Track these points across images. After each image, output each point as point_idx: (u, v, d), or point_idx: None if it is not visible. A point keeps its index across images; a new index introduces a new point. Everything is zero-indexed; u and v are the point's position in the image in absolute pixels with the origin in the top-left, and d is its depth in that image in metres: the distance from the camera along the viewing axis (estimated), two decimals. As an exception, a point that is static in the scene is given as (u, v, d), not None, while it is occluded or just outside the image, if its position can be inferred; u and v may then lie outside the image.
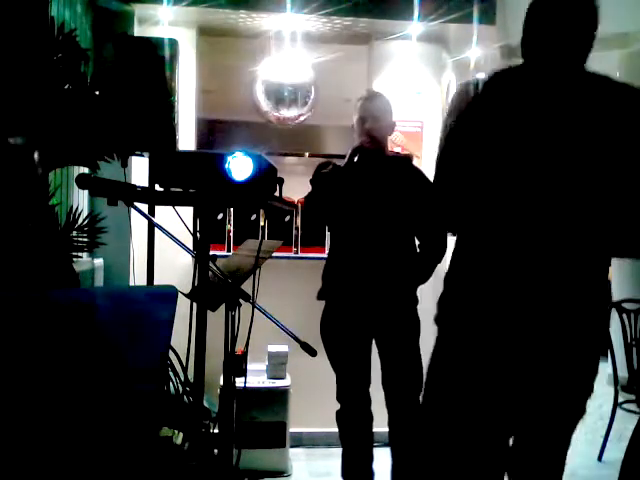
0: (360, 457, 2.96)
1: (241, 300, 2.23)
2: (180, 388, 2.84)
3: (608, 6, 5.33)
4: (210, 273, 2.15)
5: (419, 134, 4.08)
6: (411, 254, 2.96)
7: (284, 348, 3.60)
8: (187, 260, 3.48)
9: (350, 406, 2.94)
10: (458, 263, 1.82)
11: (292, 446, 3.61)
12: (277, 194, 2.24)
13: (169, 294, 1.66)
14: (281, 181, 2.21)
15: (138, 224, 3.06)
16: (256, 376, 3.57)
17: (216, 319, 2.25)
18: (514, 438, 1.87)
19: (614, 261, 6.01)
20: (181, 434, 2.78)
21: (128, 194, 2.02)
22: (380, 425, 2.99)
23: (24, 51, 2.19)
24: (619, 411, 3.91)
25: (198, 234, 2.12)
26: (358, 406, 2.94)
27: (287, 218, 3.96)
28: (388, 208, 2.89)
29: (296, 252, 3.97)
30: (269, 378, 3.62)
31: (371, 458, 2.98)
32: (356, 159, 2.90)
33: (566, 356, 1.72)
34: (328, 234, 3.94)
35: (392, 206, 2.89)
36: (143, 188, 2.15)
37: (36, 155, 2.27)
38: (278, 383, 3.59)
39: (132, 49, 3.08)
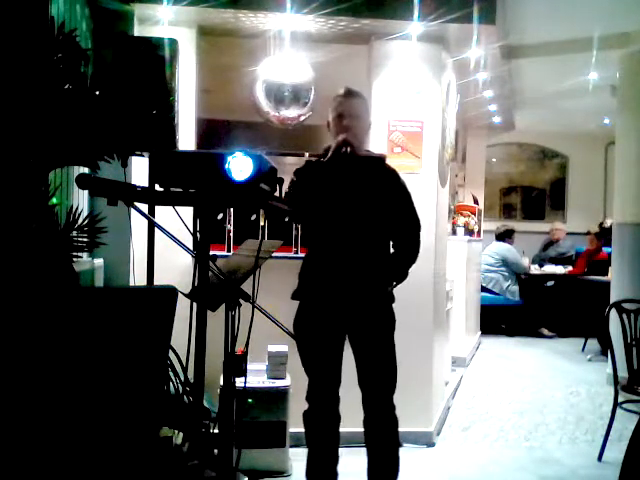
0: (326, 458, 2.93)
1: (241, 300, 2.23)
2: (180, 388, 2.84)
3: (608, 6, 5.35)
4: (210, 273, 2.15)
5: (419, 134, 4.08)
6: (384, 254, 2.93)
7: (284, 348, 3.60)
8: (187, 260, 3.48)
9: (318, 406, 2.91)
10: None
11: (292, 446, 3.61)
12: (277, 194, 2.24)
13: (169, 294, 1.66)
14: (281, 181, 2.21)
15: (138, 224, 3.06)
16: (256, 376, 3.57)
17: (216, 319, 2.25)
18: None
19: (613, 262, 6.06)
20: (181, 434, 2.78)
21: (128, 194, 2.02)
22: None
23: (24, 51, 2.19)
24: (619, 411, 3.90)
25: (198, 234, 2.12)
26: (327, 406, 2.91)
27: (287, 218, 3.95)
28: (361, 208, 2.86)
29: (296, 252, 3.97)
30: (269, 378, 3.62)
31: (336, 459, 2.95)
32: (344, 150, 2.81)
33: None
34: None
35: (365, 206, 2.86)
36: (143, 188, 2.15)
37: (36, 155, 2.26)
38: (278, 383, 3.59)
39: (132, 49, 3.08)
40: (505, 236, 8.33)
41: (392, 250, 2.98)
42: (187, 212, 2.33)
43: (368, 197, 2.87)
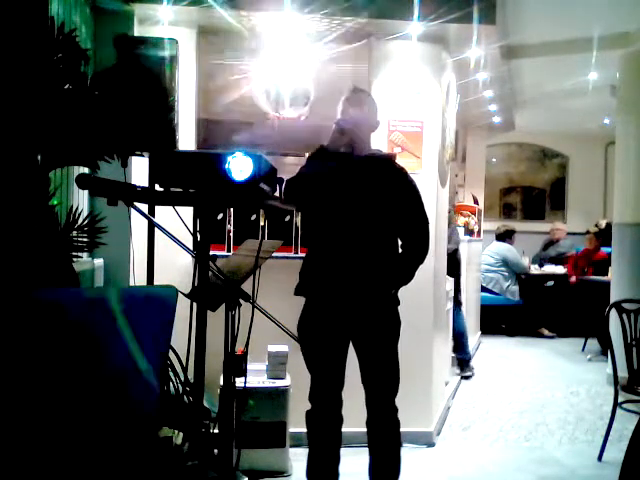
0: (327, 458, 2.93)
1: (241, 300, 2.23)
2: (180, 388, 2.84)
3: (608, 6, 5.34)
4: (210, 273, 2.15)
5: (419, 134, 4.08)
6: (392, 254, 2.91)
7: (284, 348, 3.60)
8: (187, 260, 3.48)
9: (321, 407, 2.91)
10: None
11: (292, 446, 3.61)
12: (277, 194, 2.25)
13: (169, 294, 1.66)
14: (281, 181, 2.22)
15: (138, 224, 3.06)
16: (256, 376, 3.57)
17: (216, 319, 2.25)
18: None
19: (613, 262, 6.06)
20: (181, 434, 2.78)
21: (128, 194, 2.02)
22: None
23: (24, 51, 2.19)
24: (619, 411, 3.90)
25: (198, 234, 2.12)
26: (329, 409, 2.91)
27: (287, 218, 3.96)
28: (367, 206, 2.84)
29: (296, 252, 3.97)
30: (269, 378, 3.62)
31: (338, 460, 2.95)
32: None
33: None
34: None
35: (372, 204, 2.85)
36: (143, 188, 2.16)
37: (36, 155, 2.27)
38: (278, 383, 3.59)
39: (132, 49, 3.08)
40: (506, 236, 8.34)
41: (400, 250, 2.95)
42: (187, 212, 2.33)
43: (376, 194, 2.85)
